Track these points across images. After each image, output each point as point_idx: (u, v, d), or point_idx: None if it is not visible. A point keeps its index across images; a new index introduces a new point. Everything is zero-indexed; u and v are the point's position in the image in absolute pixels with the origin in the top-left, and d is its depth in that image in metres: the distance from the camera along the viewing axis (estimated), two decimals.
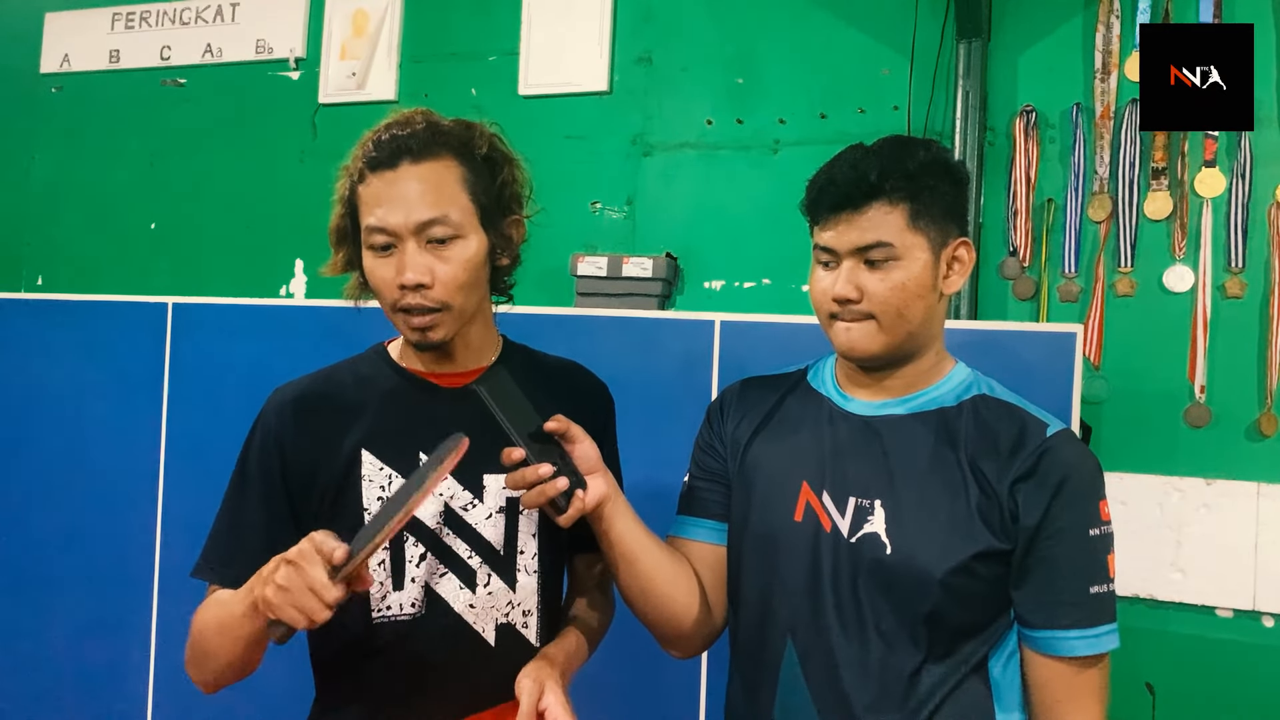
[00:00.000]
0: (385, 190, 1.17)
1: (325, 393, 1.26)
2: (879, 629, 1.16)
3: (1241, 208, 2.26)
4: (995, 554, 1.14)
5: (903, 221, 1.15)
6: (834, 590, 1.18)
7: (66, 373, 2.68)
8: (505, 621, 1.24)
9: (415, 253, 1.16)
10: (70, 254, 3.41)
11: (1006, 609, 1.18)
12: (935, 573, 1.13)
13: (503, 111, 2.87)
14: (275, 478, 1.22)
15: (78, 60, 3.44)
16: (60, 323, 2.71)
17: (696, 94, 2.74)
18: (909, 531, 1.16)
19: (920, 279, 1.16)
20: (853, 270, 1.17)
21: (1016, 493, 1.14)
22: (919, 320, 1.18)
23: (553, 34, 2.86)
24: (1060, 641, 1.14)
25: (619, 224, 2.79)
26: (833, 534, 1.20)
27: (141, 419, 2.57)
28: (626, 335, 2.23)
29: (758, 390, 1.35)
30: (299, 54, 3.15)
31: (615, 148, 2.80)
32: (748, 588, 1.27)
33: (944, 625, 1.15)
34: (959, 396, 1.22)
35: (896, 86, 2.54)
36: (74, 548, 2.63)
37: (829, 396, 1.28)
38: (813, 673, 1.19)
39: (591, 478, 1.17)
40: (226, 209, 3.19)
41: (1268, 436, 2.22)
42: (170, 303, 2.58)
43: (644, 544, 1.23)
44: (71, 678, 2.64)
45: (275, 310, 2.55)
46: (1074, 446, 1.18)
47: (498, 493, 1.24)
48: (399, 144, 1.18)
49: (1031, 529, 1.14)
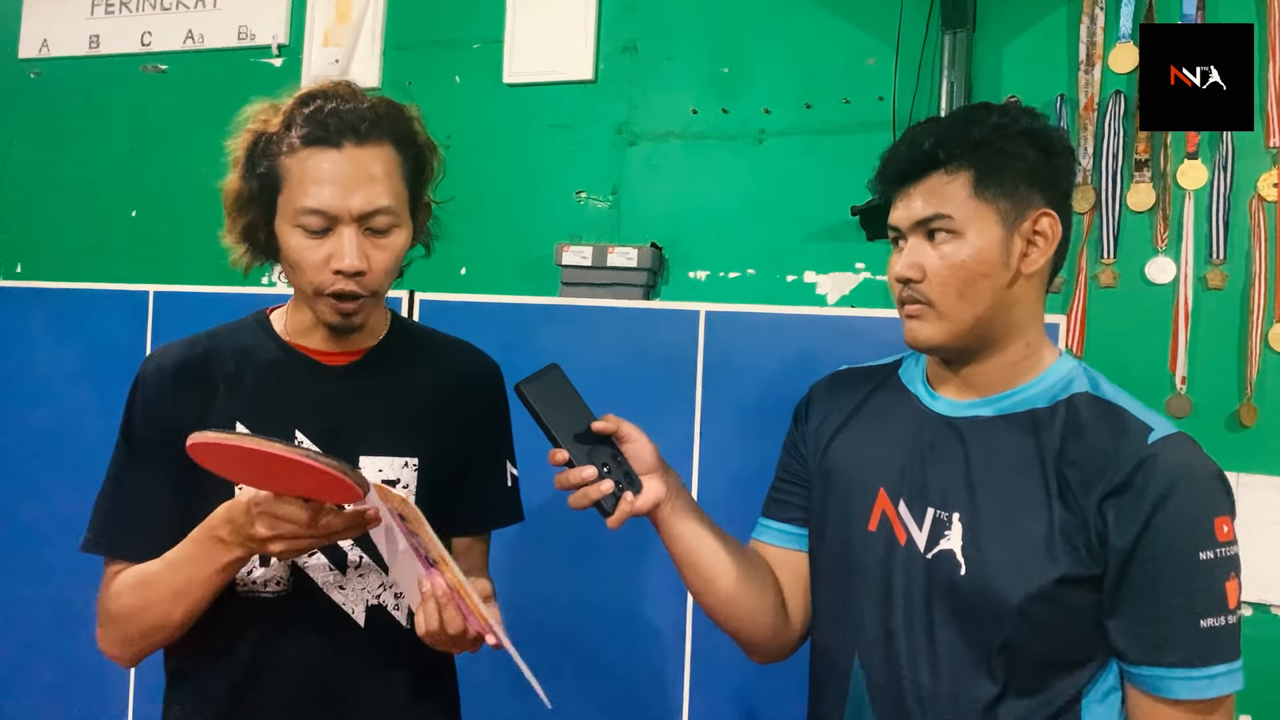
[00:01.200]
0: (328, 169, 1.13)
1: (204, 361, 1.24)
2: (951, 654, 1.05)
3: (1223, 200, 2.28)
4: (1082, 580, 1.01)
5: (965, 191, 1.06)
6: (906, 611, 1.09)
7: (47, 361, 2.66)
8: (376, 603, 1.23)
9: (354, 239, 1.13)
10: (50, 241, 3.37)
11: (1101, 643, 1.04)
12: (1011, 599, 1.01)
13: (487, 100, 2.87)
14: (158, 444, 1.20)
15: (57, 45, 3.40)
16: (40, 311, 2.69)
17: (682, 83, 2.73)
18: (985, 551, 1.04)
19: (986, 255, 1.05)
20: (915, 247, 1.09)
21: (1106, 509, 1.00)
22: (986, 304, 1.06)
23: (537, 22, 2.84)
24: (1161, 681, 1.01)
25: (604, 213, 2.78)
26: (907, 548, 1.10)
27: (122, 407, 2.54)
28: (611, 325, 2.23)
29: (847, 383, 1.27)
30: (281, 40, 3.13)
31: (600, 137, 2.79)
32: (820, 599, 1.21)
33: (1024, 657, 1.03)
34: (1055, 396, 1.10)
35: (882, 77, 2.54)
36: (55, 536, 2.61)
37: (917, 394, 1.18)
38: (878, 697, 1.10)
39: (648, 478, 1.12)
40: (208, 196, 3.13)
41: (1247, 427, 2.24)
42: (151, 291, 2.56)
43: (707, 544, 1.16)
44: (53, 666, 2.62)
45: (256, 299, 2.52)
46: (1183, 454, 1.02)
47: (373, 475, 1.22)
48: (343, 122, 1.14)
49: (1124, 551, 0.99)
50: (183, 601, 1.14)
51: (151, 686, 2.53)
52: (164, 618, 1.16)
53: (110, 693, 2.57)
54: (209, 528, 1.10)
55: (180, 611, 1.15)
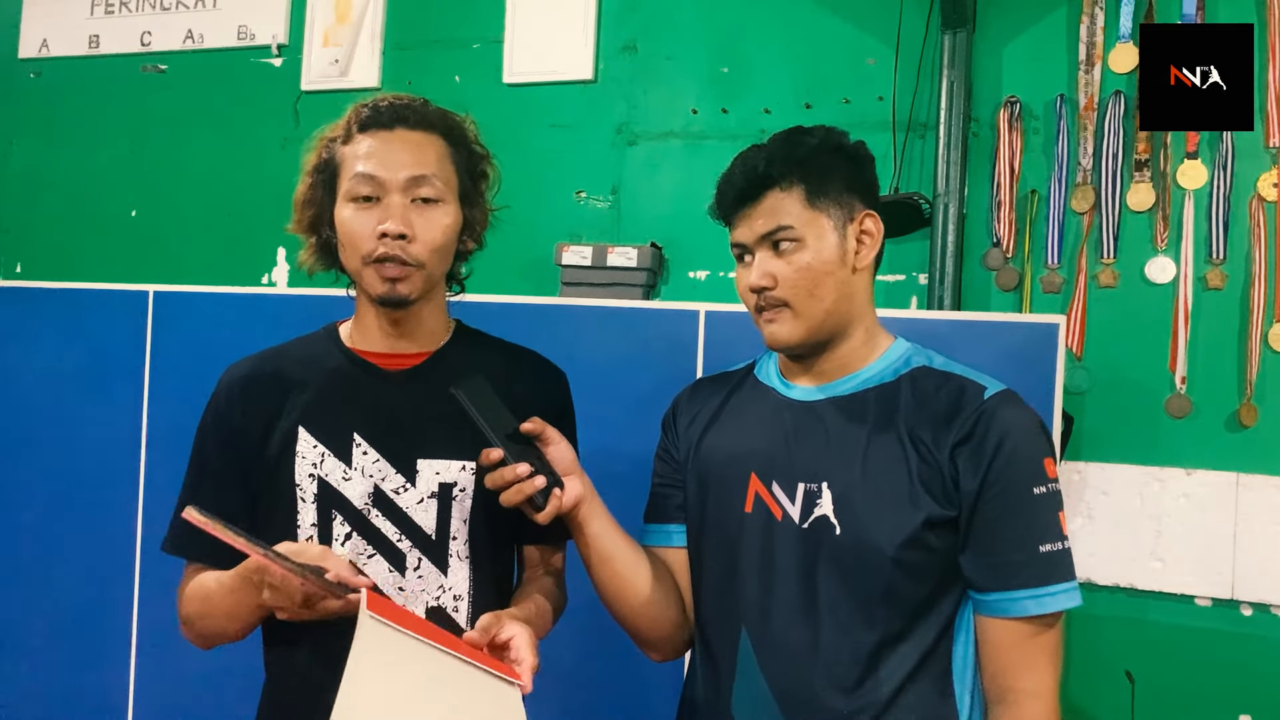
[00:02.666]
0: (378, 146, 1.21)
1: (272, 371, 1.30)
2: (833, 612, 1.16)
3: (1223, 200, 2.27)
4: (943, 522, 1.15)
5: (800, 203, 1.19)
6: (785, 578, 1.19)
7: (46, 361, 2.66)
8: (435, 604, 1.25)
9: (400, 205, 1.19)
10: (50, 241, 3.37)
11: (957, 584, 1.18)
12: (886, 548, 1.14)
13: (487, 99, 2.86)
14: (229, 454, 1.27)
15: (56, 45, 3.40)
16: (40, 311, 2.68)
17: (682, 83, 2.73)
18: (856, 510, 1.17)
19: (827, 256, 1.19)
20: (764, 260, 1.21)
21: (957, 457, 1.14)
22: (833, 298, 1.20)
23: (537, 22, 2.84)
24: (1011, 603, 1.13)
25: (604, 213, 2.78)
26: (784, 522, 1.21)
27: (122, 407, 2.55)
28: (611, 325, 2.23)
29: (707, 389, 1.38)
30: (281, 40, 3.12)
31: (600, 136, 2.79)
32: (704, 582, 1.29)
33: (900, 603, 1.15)
34: (897, 371, 1.23)
35: (882, 77, 2.54)
36: (54, 537, 2.61)
37: (773, 387, 1.30)
38: (768, 661, 1.20)
39: (568, 479, 1.19)
40: (208, 196, 3.16)
41: (1247, 427, 2.24)
42: (151, 291, 2.56)
43: (618, 544, 1.25)
44: (51, 667, 2.62)
45: (257, 299, 2.54)
46: (1012, 406, 1.17)
47: (431, 478, 1.25)
48: (396, 111, 1.22)
49: (974, 492, 1.14)
50: (235, 621, 1.21)
51: (153, 685, 2.52)
52: (222, 630, 1.24)
53: (111, 692, 2.57)
54: (246, 568, 1.15)
55: (236, 628, 1.23)
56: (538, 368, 1.39)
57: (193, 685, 2.42)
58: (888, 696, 1.15)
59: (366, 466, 1.24)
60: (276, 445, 1.25)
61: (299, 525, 1.24)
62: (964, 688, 1.18)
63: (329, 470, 1.24)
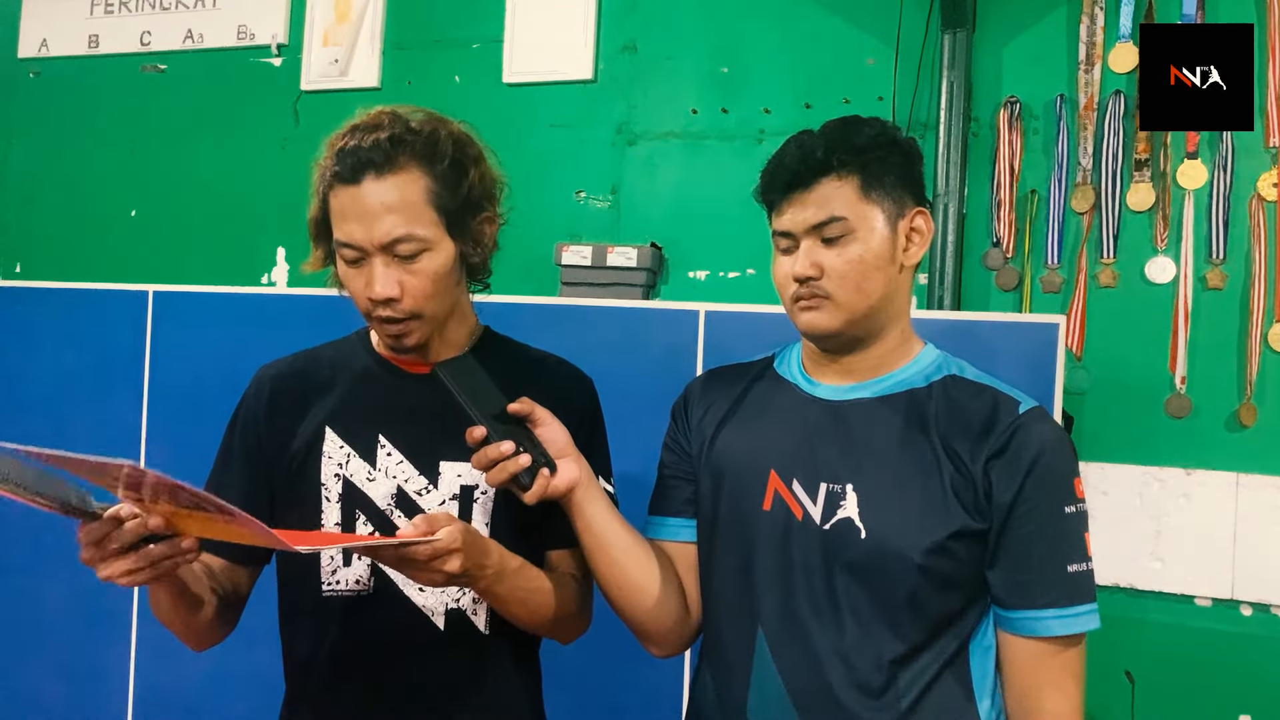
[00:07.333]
0: (351, 205, 1.16)
1: (302, 372, 1.31)
2: (856, 617, 1.14)
3: (1223, 199, 2.28)
4: (971, 533, 1.12)
5: (855, 194, 1.15)
6: (807, 579, 1.16)
7: (46, 361, 2.66)
8: (455, 607, 1.25)
9: (382, 267, 1.16)
10: (49, 241, 3.37)
11: (982, 597, 1.16)
12: (912, 555, 1.11)
13: (486, 99, 2.87)
14: (253, 451, 1.28)
15: (56, 45, 3.40)
16: (40, 310, 2.68)
17: (681, 83, 2.73)
18: (883, 515, 1.14)
19: (878, 251, 1.15)
20: (811, 249, 1.17)
21: (991, 470, 1.12)
22: (879, 294, 1.16)
23: (537, 21, 2.84)
24: (1037, 622, 1.12)
25: (603, 213, 2.78)
26: (804, 522, 1.17)
27: (122, 407, 2.55)
28: (611, 325, 2.23)
29: (723, 380, 1.33)
30: (281, 40, 3.12)
31: (600, 136, 2.79)
32: (718, 580, 1.25)
33: (923, 611, 1.13)
34: (929, 378, 1.20)
35: (882, 77, 2.54)
36: (53, 536, 2.61)
37: (795, 383, 1.26)
38: (786, 665, 1.17)
39: (563, 461, 1.16)
40: (208, 196, 3.16)
41: (1247, 427, 2.24)
42: (151, 290, 2.56)
43: (617, 532, 1.22)
44: (51, 666, 2.62)
45: (257, 299, 2.54)
46: (1046, 424, 1.16)
47: (453, 481, 1.25)
48: (361, 157, 1.15)
49: (1006, 506, 1.12)
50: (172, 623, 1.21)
51: (152, 686, 2.52)
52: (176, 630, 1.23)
53: (111, 693, 2.57)
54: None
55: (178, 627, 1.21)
56: (564, 374, 1.38)
57: (192, 685, 2.43)
58: (908, 706, 1.13)
59: (390, 468, 1.24)
60: (303, 444, 1.26)
61: (323, 524, 1.24)
62: (986, 702, 1.16)
63: (354, 470, 1.24)
